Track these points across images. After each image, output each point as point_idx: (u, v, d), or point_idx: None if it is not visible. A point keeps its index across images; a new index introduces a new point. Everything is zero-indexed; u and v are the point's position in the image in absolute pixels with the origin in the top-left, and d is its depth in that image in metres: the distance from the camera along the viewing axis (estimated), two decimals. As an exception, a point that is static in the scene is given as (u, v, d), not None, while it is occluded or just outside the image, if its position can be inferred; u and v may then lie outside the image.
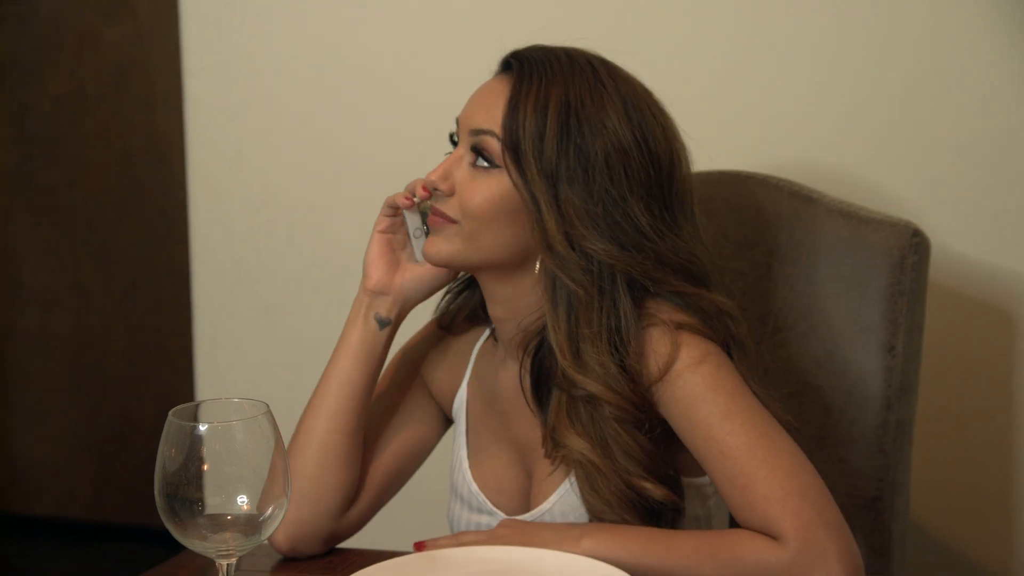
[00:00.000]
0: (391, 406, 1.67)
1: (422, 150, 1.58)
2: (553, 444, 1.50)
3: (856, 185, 2.07)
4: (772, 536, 1.38)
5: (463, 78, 1.62)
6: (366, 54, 2.34)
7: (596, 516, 1.49)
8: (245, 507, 1.25)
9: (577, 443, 1.47)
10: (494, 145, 1.48)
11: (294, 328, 2.42)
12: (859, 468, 1.77)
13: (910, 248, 1.75)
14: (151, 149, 3.95)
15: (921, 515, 2.11)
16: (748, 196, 1.85)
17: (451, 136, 1.55)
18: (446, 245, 1.51)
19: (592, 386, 1.45)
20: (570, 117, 1.46)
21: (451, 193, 1.50)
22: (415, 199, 1.55)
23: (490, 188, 1.48)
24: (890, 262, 1.75)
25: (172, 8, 3.28)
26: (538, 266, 1.49)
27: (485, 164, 1.48)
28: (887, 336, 1.76)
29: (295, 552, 1.57)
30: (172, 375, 3.96)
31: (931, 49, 2.06)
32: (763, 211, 1.83)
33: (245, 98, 2.41)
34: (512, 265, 1.52)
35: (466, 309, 1.67)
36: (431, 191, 1.52)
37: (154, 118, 3.92)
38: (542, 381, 1.53)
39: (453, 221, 1.50)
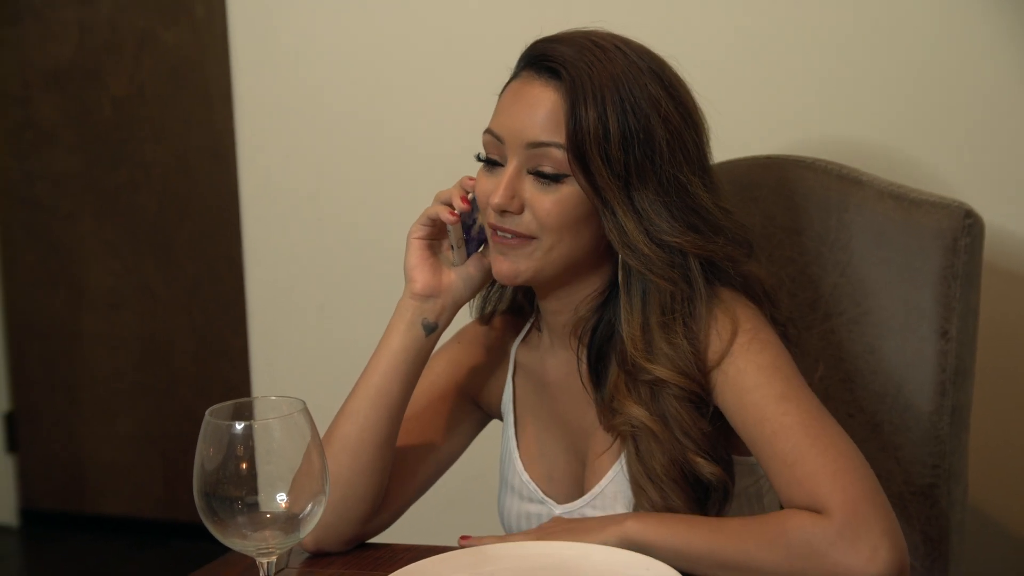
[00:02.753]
0: (428, 416, 1.65)
1: (473, 145, 1.56)
2: (611, 413, 1.50)
3: (906, 166, 2.03)
4: (818, 511, 1.37)
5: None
6: (413, 50, 2.33)
7: (641, 494, 1.48)
8: (284, 505, 1.24)
9: (636, 411, 1.47)
10: (559, 156, 1.45)
11: (348, 324, 2.42)
12: (914, 455, 1.74)
13: (963, 230, 1.72)
14: (210, 149, 3.98)
15: (980, 503, 2.07)
16: (796, 180, 1.82)
17: (483, 156, 1.51)
18: (528, 263, 1.49)
19: (661, 372, 1.45)
20: (627, 114, 1.44)
21: (520, 211, 1.48)
22: (458, 212, 1.53)
23: (563, 198, 1.46)
24: (942, 244, 1.72)
25: (226, 9, 3.30)
26: (620, 270, 1.48)
27: (550, 176, 1.46)
28: (940, 320, 1.72)
29: (319, 550, 1.58)
30: (234, 373, 3.99)
31: (981, 26, 2.02)
32: (812, 195, 1.80)
33: (294, 96, 2.41)
34: (582, 266, 1.51)
35: (505, 302, 1.66)
36: (498, 212, 1.48)
37: (212, 118, 3.95)
38: (598, 361, 1.53)
39: (533, 238, 1.48)
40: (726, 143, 1.72)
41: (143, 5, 3.98)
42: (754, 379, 1.44)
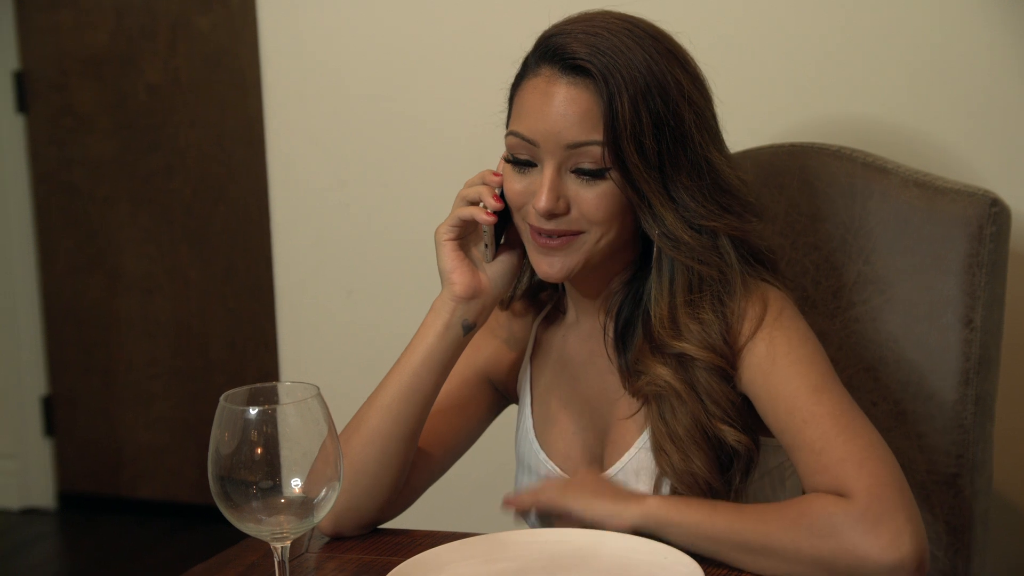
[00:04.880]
0: (447, 402, 1.66)
1: (499, 131, 1.55)
2: (635, 376, 1.51)
3: (931, 154, 2.01)
4: (842, 495, 1.37)
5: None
6: (440, 37, 2.33)
7: (663, 457, 1.48)
8: (298, 490, 1.25)
9: (662, 370, 1.48)
10: (598, 153, 1.45)
11: (376, 310, 2.42)
12: (938, 444, 1.73)
13: (988, 218, 1.70)
14: (244, 135, 4.00)
15: (1006, 494, 2.05)
16: (820, 168, 1.81)
17: (512, 158, 1.51)
18: (577, 258, 1.50)
19: (687, 347, 1.46)
20: (657, 101, 1.45)
21: (566, 211, 1.48)
22: (493, 212, 1.53)
23: (605, 192, 1.47)
24: (968, 233, 1.71)
25: (257, -5, 3.31)
26: (654, 251, 1.49)
27: (591, 173, 1.46)
28: (965, 309, 1.71)
29: (338, 534, 1.59)
30: (268, 359, 4.01)
31: (1010, 13, 1.99)
32: (836, 183, 1.79)
33: (322, 83, 2.41)
34: (620, 248, 1.52)
35: (525, 285, 1.66)
36: (547, 216, 1.47)
37: (246, 104, 3.97)
38: (624, 329, 1.54)
39: (581, 232, 1.49)
40: (750, 130, 1.71)
41: (177, -9, 4.01)
42: (789, 371, 1.45)
